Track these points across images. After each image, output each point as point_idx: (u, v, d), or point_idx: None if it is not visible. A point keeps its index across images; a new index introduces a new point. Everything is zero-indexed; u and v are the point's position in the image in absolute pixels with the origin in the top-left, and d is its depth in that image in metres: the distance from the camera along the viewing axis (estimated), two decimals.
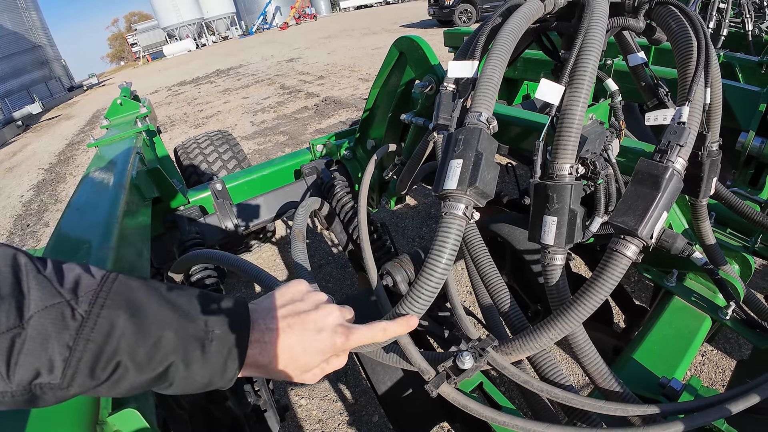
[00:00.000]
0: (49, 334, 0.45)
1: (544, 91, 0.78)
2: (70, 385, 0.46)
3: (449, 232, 0.61)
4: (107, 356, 0.47)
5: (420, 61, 1.27)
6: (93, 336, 0.46)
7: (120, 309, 0.49)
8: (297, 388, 2.28)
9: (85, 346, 0.46)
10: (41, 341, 0.44)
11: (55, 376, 0.45)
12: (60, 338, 0.45)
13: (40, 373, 0.44)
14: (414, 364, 0.71)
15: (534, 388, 0.71)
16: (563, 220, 0.74)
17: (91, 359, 0.46)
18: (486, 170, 0.63)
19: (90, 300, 0.48)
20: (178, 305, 0.53)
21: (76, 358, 0.46)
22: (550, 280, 0.78)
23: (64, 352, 0.45)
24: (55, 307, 0.46)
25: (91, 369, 0.47)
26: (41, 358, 0.44)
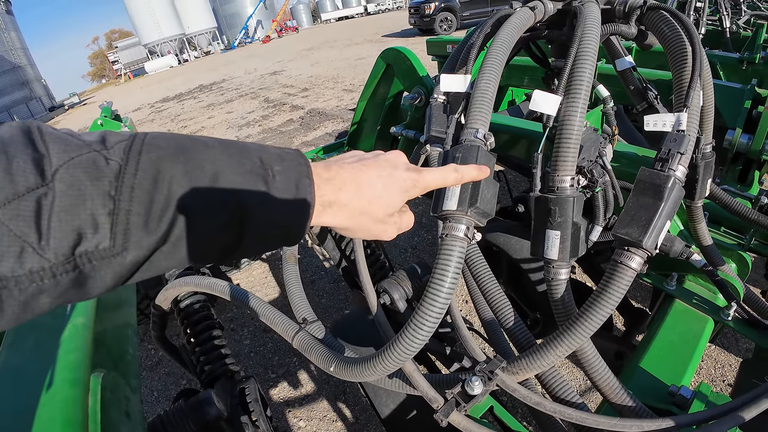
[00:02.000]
0: (84, 184, 0.35)
1: (540, 102, 0.77)
2: (125, 246, 0.36)
3: (451, 255, 0.58)
4: (161, 202, 0.38)
5: (408, 72, 1.25)
6: (137, 182, 0.37)
7: (162, 152, 0.39)
8: (295, 409, 2.22)
9: (130, 193, 0.36)
10: (75, 194, 0.34)
11: (103, 235, 0.35)
12: (98, 187, 0.35)
13: (82, 235, 0.34)
14: (421, 392, 0.68)
15: (547, 409, 0.68)
16: (566, 234, 0.72)
17: (142, 208, 0.37)
18: (486, 188, 0.61)
19: (124, 148, 0.38)
20: (226, 145, 0.44)
21: (123, 209, 0.36)
22: (555, 294, 0.76)
23: (108, 203, 0.35)
24: (83, 157, 0.36)
25: (145, 220, 0.37)
26: (80, 214, 0.34)
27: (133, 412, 0.78)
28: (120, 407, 0.74)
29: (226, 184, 0.41)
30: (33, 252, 0.33)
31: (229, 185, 0.42)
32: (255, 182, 0.43)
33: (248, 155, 0.45)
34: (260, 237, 0.45)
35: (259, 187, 0.43)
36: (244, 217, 0.42)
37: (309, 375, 2.39)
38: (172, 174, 0.39)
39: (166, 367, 2.58)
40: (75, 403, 0.65)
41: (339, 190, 0.50)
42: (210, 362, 1.31)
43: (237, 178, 0.42)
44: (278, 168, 0.46)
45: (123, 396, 0.77)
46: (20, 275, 0.33)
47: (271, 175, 0.45)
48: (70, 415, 0.63)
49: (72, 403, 0.65)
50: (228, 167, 0.42)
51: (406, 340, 0.58)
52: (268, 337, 2.66)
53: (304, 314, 0.92)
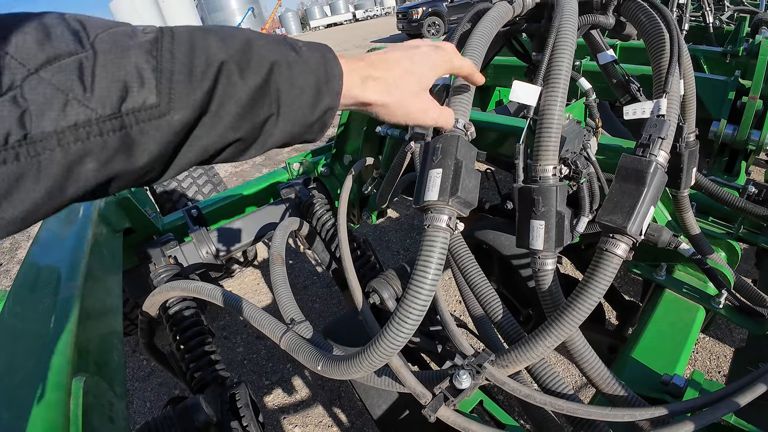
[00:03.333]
0: (126, 42, 0.35)
1: (519, 93, 0.76)
2: (171, 104, 0.36)
3: (434, 246, 0.57)
4: (202, 60, 0.38)
5: None
6: (176, 47, 0.37)
7: (193, 30, 0.40)
8: (290, 416, 2.20)
9: (171, 56, 0.36)
10: (119, 51, 0.34)
11: (149, 90, 0.35)
12: (139, 48, 0.35)
13: (129, 88, 0.34)
14: (408, 388, 0.67)
15: (537, 401, 0.68)
16: (551, 224, 0.72)
17: (184, 67, 0.37)
18: (467, 178, 0.60)
19: (157, 28, 0.39)
20: (253, 31, 0.46)
21: (166, 68, 0.36)
22: (543, 285, 0.75)
23: (151, 60, 0.35)
24: (120, 27, 0.36)
25: (189, 77, 0.37)
26: (125, 67, 0.34)
27: (117, 418, 0.76)
28: (103, 412, 0.72)
29: (258, 48, 0.43)
30: (78, 104, 0.31)
31: (261, 50, 0.43)
32: (284, 49, 0.45)
33: (274, 36, 0.47)
34: (296, 100, 0.45)
35: (289, 52, 0.45)
36: (279, 79, 0.44)
37: (303, 381, 2.36)
38: (207, 40, 0.40)
39: (158, 378, 2.55)
40: (57, 406, 0.64)
41: (371, 66, 0.53)
42: (200, 369, 1.28)
43: (267, 45, 0.44)
44: (303, 44, 0.48)
45: (106, 401, 0.76)
46: (64, 129, 0.31)
47: (299, 46, 0.47)
48: (52, 419, 0.62)
49: (53, 407, 0.64)
50: (258, 36, 0.44)
51: (391, 334, 0.57)
52: (261, 344, 2.64)
53: (292, 315, 0.91)
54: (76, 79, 0.31)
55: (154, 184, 1.43)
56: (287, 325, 0.87)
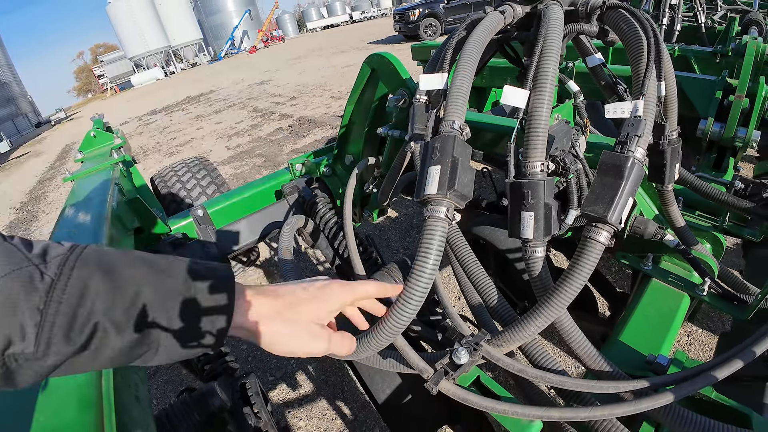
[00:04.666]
0: (18, 297, 0.41)
1: (510, 97, 0.83)
2: (46, 353, 0.42)
3: (434, 234, 0.64)
4: (82, 318, 0.43)
5: (392, 76, 1.31)
6: (65, 297, 0.43)
7: (92, 270, 0.45)
8: (294, 410, 2.26)
9: (57, 308, 0.42)
10: (10, 306, 0.40)
11: (28, 343, 0.41)
12: (29, 301, 0.41)
13: (11, 341, 0.41)
14: (412, 365, 0.74)
15: (529, 375, 0.74)
16: (539, 215, 0.79)
17: (65, 322, 0.43)
18: (463, 174, 0.67)
19: (59, 263, 0.44)
20: (154, 263, 0.50)
21: (48, 322, 0.42)
22: (533, 271, 0.82)
23: (35, 316, 0.41)
24: (22, 271, 0.42)
25: (66, 333, 0.43)
26: (11, 324, 0.40)
27: (142, 398, 0.82)
28: (130, 392, 0.79)
29: (144, 306, 0.47)
30: None
31: (146, 306, 0.47)
32: (174, 302, 0.49)
33: (175, 276, 0.50)
34: (176, 349, 0.50)
35: (176, 306, 0.49)
36: (158, 335, 0.48)
37: (307, 376, 2.43)
38: (96, 291, 0.44)
39: (164, 375, 2.61)
40: (89, 385, 0.70)
41: (246, 319, 0.56)
42: (210, 360, 1.35)
43: (156, 297, 0.48)
44: (201, 286, 0.51)
45: (132, 382, 0.82)
46: None
47: (191, 295, 0.50)
48: (85, 397, 0.68)
49: (86, 386, 0.69)
50: (150, 286, 0.48)
51: (396, 314, 0.64)
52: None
53: None
54: None
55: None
56: None
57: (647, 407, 0.75)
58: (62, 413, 0.67)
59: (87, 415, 0.66)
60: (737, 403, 0.83)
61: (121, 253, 0.50)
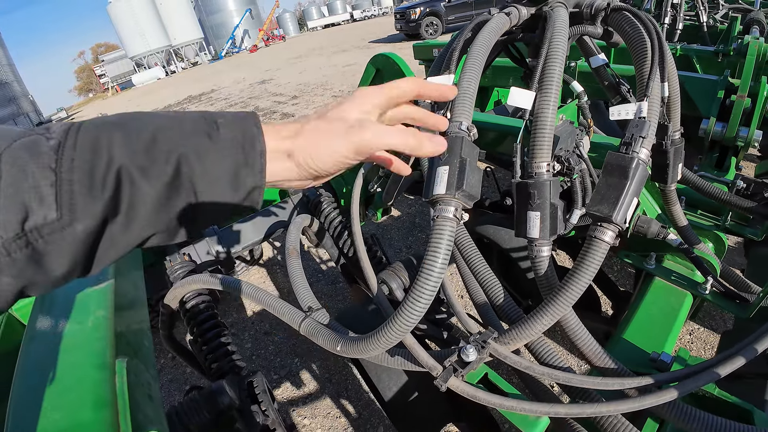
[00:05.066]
0: (25, 160, 0.36)
1: (516, 98, 0.84)
2: (73, 216, 0.37)
3: (443, 233, 0.65)
4: (102, 167, 0.38)
5: (396, 76, 1.33)
6: (77, 153, 0.38)
7: (99, 127, 0.40)
8: (299, 408, 2.28)
9: (71, 164, 0.37)
10: (18, 171, 0.35)
11: (48, 207, 0.36)
12: (39, 162, 0.36)
13: (29, 208, 0.35)
14: (422, 363, 0.75)
15: (536, 372, 0.76)
16: (545, 214, 0.80)
17: (83, 176, 0.37)
18: (470, 174, 0.68)
19: (65, 129, 0.39)
20: (168, 114, 0.45)
21: (65, 179, 0.37)
22: (539, 270, 0.83)
23: (49, 175, 0.36)
24: (25, 139, 0.38)
25: (88, 187, 0.37)
26: (24, 188, 0.35)
27: (155, 396, 0.84)
28: (143, 390, 0.80)
29: (166, 144, 0.41)
30: None
31: (168, 144, 0.41)
32: (196, 138, 0.43)
33: (190, 116, 0.45)
34: (214, 191, 0.44)
35: (202, 139, 0.43)
36: (191, 175, 0.42)
37: (311, 374, 2.44)
38: (110, 140, 0.39)
39: (168, 374, 2.63)
40: (104, 384, 0.71)
41: (296, 135, 0.48)
42: (217, 359, 1.36)
43: (176, 134, 0.42)
44: (223, 121, 0.45)
45: (145, 381, 0.83)
46: None
47: (215, 127, 0.44)
48: (100, 396, 0.70)
49: (101, 385, 0.71)
50: (167, 126, 0.42)
51: (406, 312, 0.65)
52: (269, 340, 2.72)
53: (309, 303, 0.98)
54: None
55: None
56: (305, 313, 0.95)
57: (651, 403, 0.76)
58: (77, 412, 0.68)
59: (102, 413, 0.67)
60: (739, 400, 0.84)
61: (132, 112, 0.45)
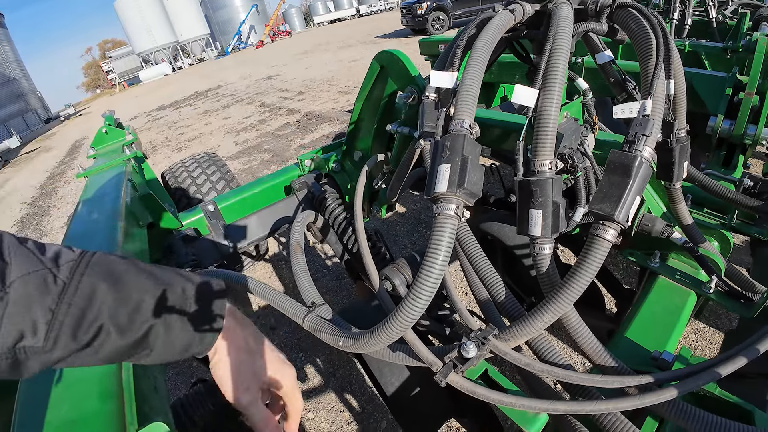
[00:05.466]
0: (33, 297, 0.46)
1: (520, 96, 0.84)
2: (53, 348, 0.47)
3: (444, 231, 0.66)
4: (89, 319, 0.49)
5: (401, 73, 1.33)
6: (75, 300, 0.48)
7: (100, 276, 0.51)
8: (303, 402, 2.30)
9: (67, 309, 0.48)
10: (24, 304, 0.45)
11: (39, 338, 0.46)
12: (43, 301, 0.47)
13: (23, 336, 0.46)
14: (422, 358, 0.76)
15: (536, 369, 0.76)
16: (547, 212, 0.80)
17: (73, 322, 0.48)
18: (472, 172, 0.69)
19: (71, 268, 0.50)
20: (157, 276, 0.57)
21: (59, 320, 0.47)
22: (541, 268, 0.84)
23: (47, 315, 0.47)
24: (37, 273, 0.47)
25: (73, 331, 0.48)
26: (25, 320, 0.45)
27: (161, 388, 0.85)
28: (150, 383, 0.81)
29: (145, 313, 0.53)
30: None
31: (147, 313, 0.54)
32: (171, 311, 0.56)
33: (174, 288, 0.57)
34: (165, 354, 0.58)
35: (173, 315, 0.56)
36: (155, 339, 0.55)
37: (315, 369, 2.46)
38: (103, 297, 0.50)
39: (175, 368, 2.66)
40: (110, 376, 0.72)
41: (227, 337, 0.66)
42: None
43: (156, 306, 0.55)
44: (195, 295, 0.59)
45: (151, 374, 0.85)
46: None
47: (188, 306, 0.58)
48: (107, 387, 0.71)
49: (108, 377, 0.72)
50: (152, 294, 0.55)
51: (407, 308, 0.66)
52: (274, 335, 2.74)
53: (312, 298, 0.99)
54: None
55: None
56: (308, 308, 0.95)
57: (651, 402, 0.76)
58: (84, 404, 0.69)
59: (108, 405, 0.68)
60: (740, 400, 0.84)
61: (127, 263, 0.56)
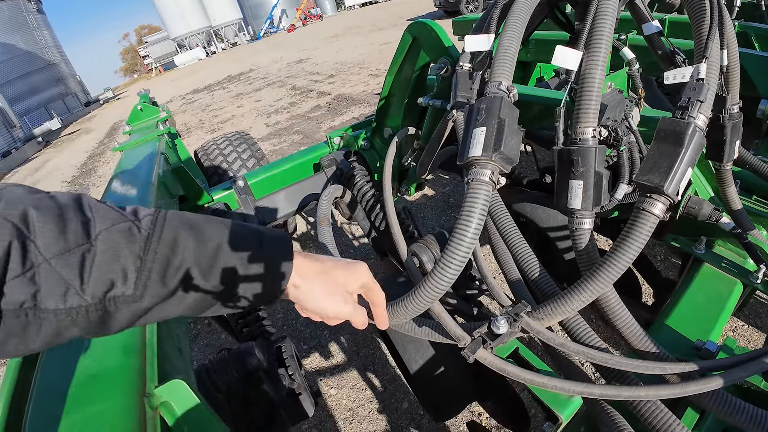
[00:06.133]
0: (120, 246, 0.47)
1: (561, 58, 0.79)
2: (143, 295, 0.48)
3: (477, 197, 0.62)
4: (175, 264, 0.50)
5: (434, 44, 1.28)
6: (160, 248, 0.49)
7: (179, 225, 0.52)
8: (326, 378, 2.32)
9: (154, 256, 0.49)
10: (113, 254, 0.46)
11: (129, 285, 0.47)
12: (131, 249, 0.47)
13: (114, 284, 0.46)
14: (449, 331, 0.73)
15: (570, 350, 0.72)
16: (589, 183, 0.75)
17: (161, 268, 0.49)
18: (510, 136, 0.65)
19: (151, 220, 0.51)
20: (226, 224, 0.58)
21: (147, 267, 0.48)
22: (580, 244, 0.79)
23: (136, 262, 0.47)
24: (121, 225, 0.48)
25: (161, 277, 0.49)
26: (114, 269, 0.46)
27: (184, 350, 0.86)
28: (173, 343, 0.82)
29: (224, 255, 0.54)
30: (75, 293, 0.44)
31: (226, 255, 0.54)
32: (246, 259, 0.56)
33: (248, 235, 0.58)
34: (247, 294, 0.58)
35: (248, 262, 0.56)
36: (234, 280, 0.56)
37: (340, 347, 2.48)
38: (185, 244, 0.51)
39: (204, 339, 2.72)
40: (134, 332, 0.73)
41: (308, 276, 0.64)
42: (248, 324, 1.39)
43: (234, 253, 0.55)
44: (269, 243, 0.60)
45: (176, 334, 0.85)
46: (62, 309, 0.44)
47: (264, 251, 0.58)
48: (130, 343, 0.72)
49: (131, 332, 0.73)
50: (228, 239, 0.55)
51: (436, 277, 0.63)
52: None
53: None
54: (77, 274, 0.44)
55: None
56: None
57: (694, 391, 0.72)
58: (107, 358, 0.70)
59: (130, 360, 0.69)
60: None
61: (198, 215, 0.57)
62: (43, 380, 0.68)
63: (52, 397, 0.66)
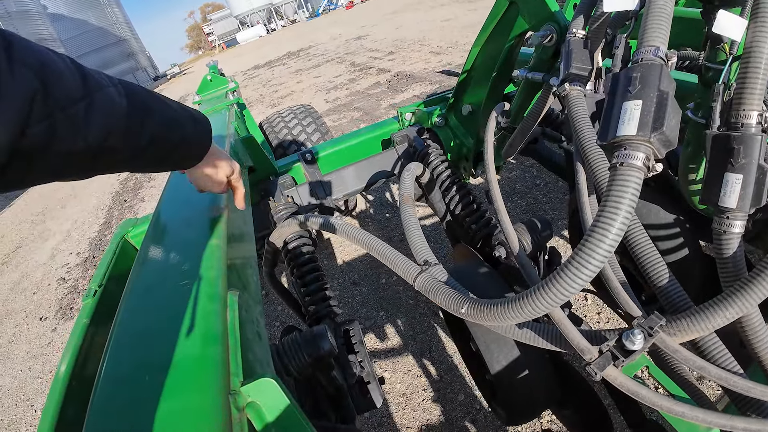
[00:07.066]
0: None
1: (723, 25, 0.65)
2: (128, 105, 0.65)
3: (627, 185, 0.51)
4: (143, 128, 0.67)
5: (537, 8, 1.13)
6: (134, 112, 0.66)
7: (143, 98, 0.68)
8: (380, 361, 2.28)
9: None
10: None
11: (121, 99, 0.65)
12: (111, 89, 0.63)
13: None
14: (572, 341, 0.63)
15: (711, 375, 0.60)
16: (750, 179, 0.62)
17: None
18: (671, 113, 0.52)
19: (126, 93, 0.65)
20: (180, 110, 0.77)
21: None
22: (726, 251, 0.66)
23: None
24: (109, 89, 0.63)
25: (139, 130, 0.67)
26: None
27: (263, 335, 0.81)
28: (253, 327, 0.77)
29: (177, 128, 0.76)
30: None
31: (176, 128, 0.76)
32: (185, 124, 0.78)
33: (186, 115, 0.79)
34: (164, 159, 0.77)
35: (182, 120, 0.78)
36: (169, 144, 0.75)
37: (395, 330, 2.43)
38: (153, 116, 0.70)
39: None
40: (215, 316, 0.67)
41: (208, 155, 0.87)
42: (315, 303, 1.35)
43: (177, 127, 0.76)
44: (194, 124, 0.80)
45: (255, 318, 0.80)
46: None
47: (194, 125, 0.80)
48: (211, 329, 0.65)
49: (212, 317, 0.67)
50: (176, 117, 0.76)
51: (568, 278, 0.53)
52: (356, 290, 2.73)
53: (425, 256, 0.89)
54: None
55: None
56: (421, 267, 0.86)
57: None
58: (185, 346, 0.63)
59: (212, 349, 0.62)
60: None
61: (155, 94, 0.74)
62: (110, 366, 0.63)
63: (121, 386, 0.61)
